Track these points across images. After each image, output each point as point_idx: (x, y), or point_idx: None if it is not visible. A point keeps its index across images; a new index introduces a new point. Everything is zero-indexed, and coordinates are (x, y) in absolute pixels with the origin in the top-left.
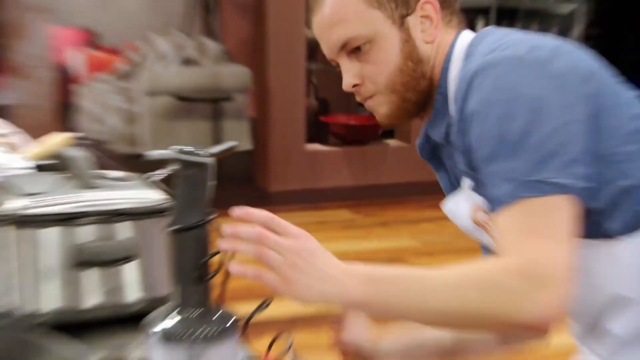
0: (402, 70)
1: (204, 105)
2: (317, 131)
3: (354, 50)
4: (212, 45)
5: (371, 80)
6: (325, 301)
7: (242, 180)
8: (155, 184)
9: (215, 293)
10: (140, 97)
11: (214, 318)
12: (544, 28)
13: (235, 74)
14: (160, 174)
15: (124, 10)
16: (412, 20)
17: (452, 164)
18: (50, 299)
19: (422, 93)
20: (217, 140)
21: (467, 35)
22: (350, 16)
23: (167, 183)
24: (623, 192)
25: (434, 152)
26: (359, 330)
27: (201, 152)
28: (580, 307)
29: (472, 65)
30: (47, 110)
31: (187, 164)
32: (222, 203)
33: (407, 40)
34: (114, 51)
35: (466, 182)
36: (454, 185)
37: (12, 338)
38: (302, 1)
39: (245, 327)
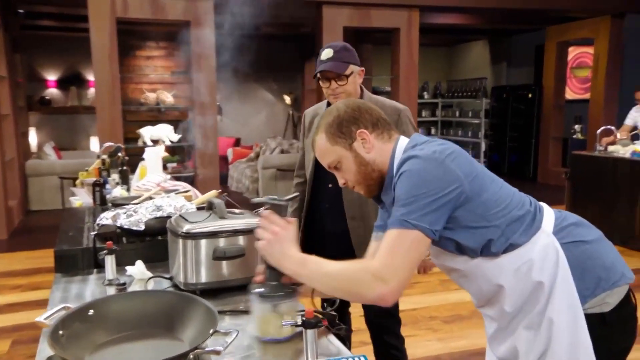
0: (359, 172)
1: (291, 173)
2: None
3: (335, 167)
4: (296, 143)
5: (348, 180)
6: (277, 265)
7: None
8: (257, 216)
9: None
10: (259, 170)
11: (283, 287)
12: (464, 131)
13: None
14: (260, 210)
15: (253, 126)
16: (356, 144)
17: (387, 211)
18: (202, 276)
19: (376, 179)
20: None
21: (403, 141)
22: (325, 152)
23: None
24: (496, 237)
25: (380, 201)
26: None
27: (281, 199)
28: (481, 292)
29: (406, 156)
30: (213, 178)
31: (273, 205)
32: None
33: (356, 155)
34: (248, 147)
35: None
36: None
37: (173, 296)
38: None
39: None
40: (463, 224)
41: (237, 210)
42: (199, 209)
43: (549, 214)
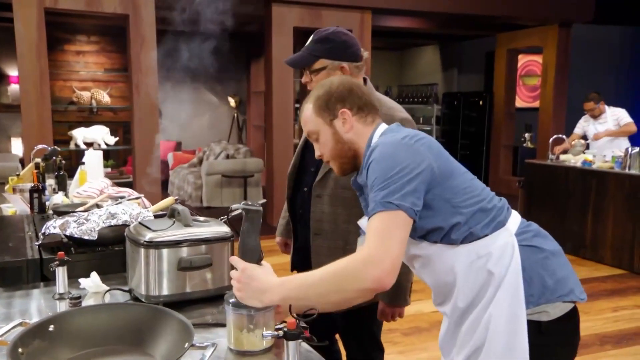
0: (335, 148)
1: (237, 179)
2: None
3: (315, 138)
4: (242, 148)
5: (324, 154)
6: (261, 304)
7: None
8: (223, 223)
9: None
10: (203, 176)
11: None
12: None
13: (255, 163)
14: (224, 218)
15: (196, 130)
16: (337, 121)
17: (366, 196)
18: (165, 287)
19: (350, 158)
20: (245, 198)
21: (382, 127)
22: (308, 121)
23: (228, 223)
24: (459, 224)
25: (359, 186)
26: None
27: (256, 204)
28: (438, 283)
29: (375, 143)
30: (154, 185)
31: (248, 211)
32: None
33: (334, 132)
34: (190, 152)
35: None
36: (366, 207)
37: (142, 309)
38: (291, 121)
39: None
40: (430, 206)
41: (201, 218)
42: (157, 217)
43: (515, 216)
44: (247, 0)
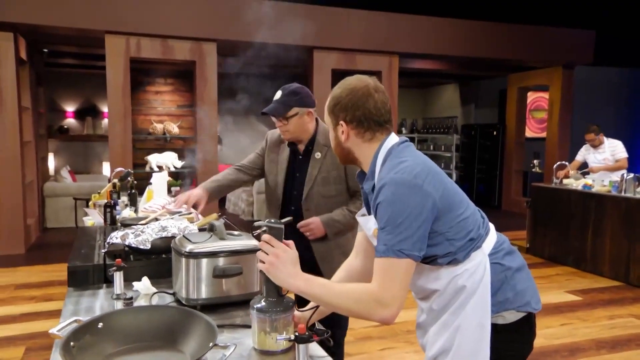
0: (336, 147)
1: None
2: None
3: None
4: None
5: (331, 144)
6: (284, 286)
7: None
8: (254, 237)
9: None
10: (254, 194)
11: (282, 301)
12: (438, 163)
13: None
14: (255, 232)
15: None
16: (337, 128)
17: (367, 194)
18: (202, 292)
19: (351, 160)
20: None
21: (390, 141)
22: (325, 114)
23: (258, 237)
24: (450, 253)
25: (362, 180)
26: None
27: (278, 222)
28: (417, 290)
29: (387, 175)
30: (213, 202)
31: (271, 228)
32: None
33: (336, 136)
34: None
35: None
36: (367, 201)
37: (175, 311)
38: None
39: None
40: (429, 238)
41: (235, 232)
42: (200, 230)
43: (491, 237)
44: (294, 48)
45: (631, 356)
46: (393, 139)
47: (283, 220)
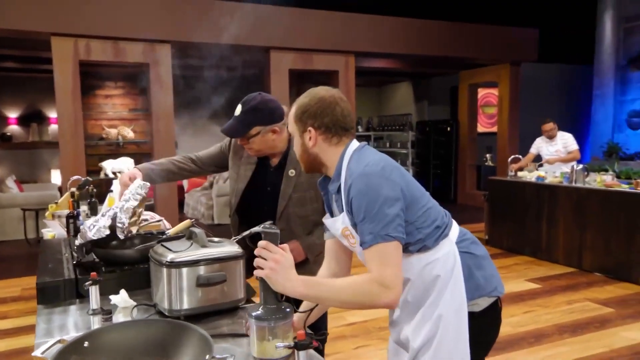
0: (302, 154)
1: None
2: None
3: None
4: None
5: (295, 152)
6: (284, 291)
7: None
8: (235, 243)
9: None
10: (214, 197)
11: (281, 308)
12: (394, 159)
13: None
14: (236, 238)
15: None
16: (305, 134)
17: (330, 198)
18: (186, 302)
19: (317, 166)
20: None
21: (353, 145)
22: (289, 123)
23: (240, 243)
24: (419, 240)
25: (324, 188)
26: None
27: (273, 227)
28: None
29: (356, 171)
30: (173, 207)
31: (267, 234)
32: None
33: (303, 143)
34: (202, 177)
35: (340, 213)
36: (329, 206)
37: (166, 324)
38: None
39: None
40: None
41: (215, 239)
42: (174, 238)
43: (455, 227)
44: (249, 49)
45: (591, 338)
46: (356, 143)
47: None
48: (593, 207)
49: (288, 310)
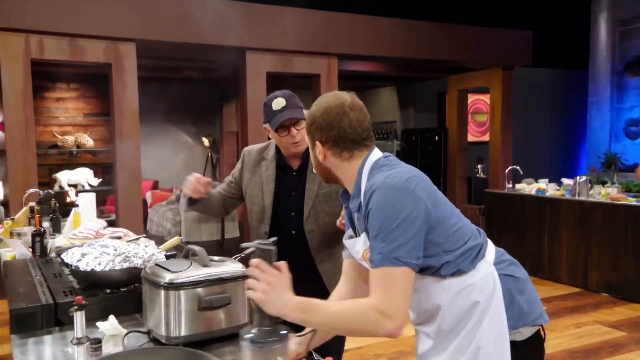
0: (317, 166)
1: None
2: None
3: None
4: (217, 183)
5: (314, 163)
6: (278, 315)
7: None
8: (238, 262)
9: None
10: (182, 212)
11: (274, 332)
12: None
13: None
14: (238, 256)
15: (172, 169)
16: (315, 148)
17: (352, 215)
18: (185, 328)
19: (332, 178)
20: (222, 233)
21: (374, 155)
22: (305, 133)
23: (242, 261)
24: (448, 262)
25: (346, 199)
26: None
27: (269, 243)
28: (421, 308)
29: (376, 183)
30: (137, 223)
31: (263, 250)
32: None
33: (315, 156)
34: (167, 190)
35: (362, 233)
36: (351, 220)
37: (177, 353)
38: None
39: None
40: (425, 249)
41: (216, 258)
42: (167, 257)
43: (491, 247)
44: (222, 49)
45: None
46: (377, 153)
47: (272, 240)
48: (598, 221)
49: (284, 332)
